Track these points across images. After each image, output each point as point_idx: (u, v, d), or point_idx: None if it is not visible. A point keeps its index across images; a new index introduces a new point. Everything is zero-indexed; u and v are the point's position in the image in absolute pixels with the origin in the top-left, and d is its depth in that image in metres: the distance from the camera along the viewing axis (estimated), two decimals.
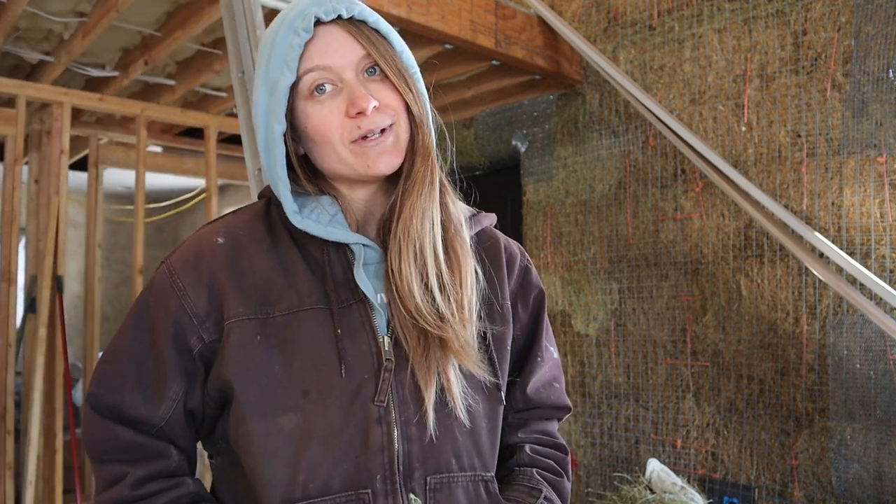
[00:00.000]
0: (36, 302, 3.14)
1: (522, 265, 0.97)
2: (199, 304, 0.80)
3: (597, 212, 3.14)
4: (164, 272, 0.83)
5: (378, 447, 0.77)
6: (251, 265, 0.82)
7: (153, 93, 3.52)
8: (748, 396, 2.63)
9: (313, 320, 0.79)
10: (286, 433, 0.76)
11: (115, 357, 0.83)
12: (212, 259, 0.82)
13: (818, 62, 2.47)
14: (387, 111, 0.80)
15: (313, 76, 0.79)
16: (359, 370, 0.78)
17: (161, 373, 0.81)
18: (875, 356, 2.30)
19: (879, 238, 2.32)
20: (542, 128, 3.36)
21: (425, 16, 2.47)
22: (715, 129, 2.72)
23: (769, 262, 2.57)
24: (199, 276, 0.81)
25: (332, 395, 0.77)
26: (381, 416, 0.77)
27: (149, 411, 0.81)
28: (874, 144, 2.33)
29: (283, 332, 0.78)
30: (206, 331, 0.80)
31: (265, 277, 0.81)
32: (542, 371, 0.97)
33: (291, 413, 0.76)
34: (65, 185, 3.19)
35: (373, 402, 0.77)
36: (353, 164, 0.80)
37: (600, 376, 3.11)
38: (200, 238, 0.85)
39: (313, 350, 0.78)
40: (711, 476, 2.73)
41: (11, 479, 3.05)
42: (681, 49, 2.84)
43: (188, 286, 0.81)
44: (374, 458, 0.77)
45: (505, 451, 0.94)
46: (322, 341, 0.78)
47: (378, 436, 0.77)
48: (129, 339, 0.83)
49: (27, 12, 2.63)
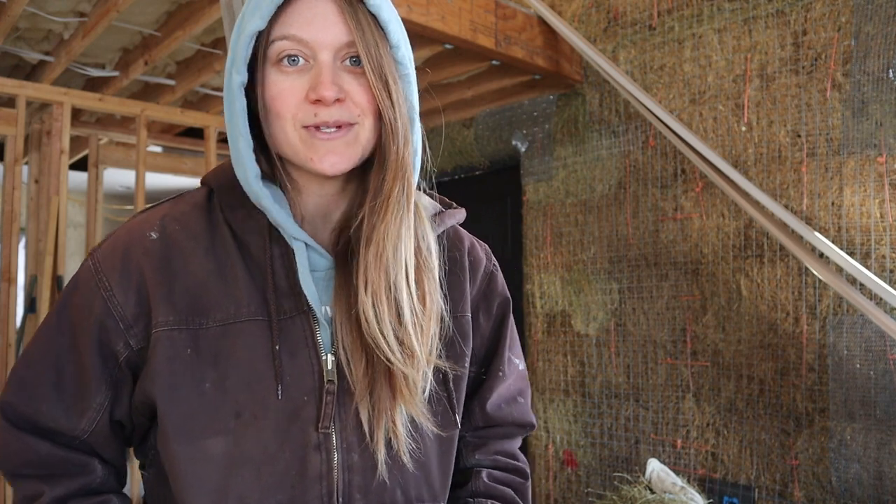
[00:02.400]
0: (36, 302, 3.14)
1: (487, 271, 0.89)
2: (128, 306, 0.72)
3: (597, 212, 3.14)
4: (89, 268, 0.74)
5: (316, 476, 0.70)
6: (185, 266, 0.72)
7: (153, 93, 3.52)
8: (748, 396, 2.63)
9: (250, 333, 0.71)
10: (214, 458, 0.69)
11: (32, 361, 0.75)
12: (142, 256, 0.72)
13: (818, 62, 2.47)
14: (352, 108, 0.70)
15: (285, 44, 0.70)
16: (297, 391, 0.70)
17: (84, 381, 0.72)
18: (875, 356, 2.30)
19: (879, 238, 2.32)
20: (542, 128, 3.36)
21: (425, 16, 2.47)
22: (715, 129, 2.72)
23: (769, 262, 2.57)
24: (127, 275, 0.72)
25: (266, 417, 0.69)
26: (321, 443, 0.70)
27: (70, 423, 0.73)
28: (874, 144, 2.33)
29: (216, 346, 0.70)
30: (133, 337, 0.72)
31: (200, 282, 0.72)
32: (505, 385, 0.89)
33: (220, 436, 0.69)
34: (65, 185, 3.19)
35: (315, 429, 0.70)
36: (298, 151, 0.71)
37: (600, 376, 3.11)
38: (132, 230, 0.75)
39: (248, 367, 0.70)
40: (711, 476, 2.73)
41: None
42: (681, 49, 2.84)
43: (115, 286, 0.72)
44: (311, 489, 0.70)
45: (460, 474, 0.87)
46: (258, 357, 0.70)
47: (317, 463, 0.70)
48: (48, 341, 0.74)
49: (27, 12, 2.63)
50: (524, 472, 0.90)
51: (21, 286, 3.27)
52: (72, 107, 3.22)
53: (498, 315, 0.89)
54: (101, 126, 3.94)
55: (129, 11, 2.61)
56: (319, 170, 0.71)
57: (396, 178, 0.71)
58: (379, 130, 0.73)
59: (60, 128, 3.18)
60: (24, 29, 2.86)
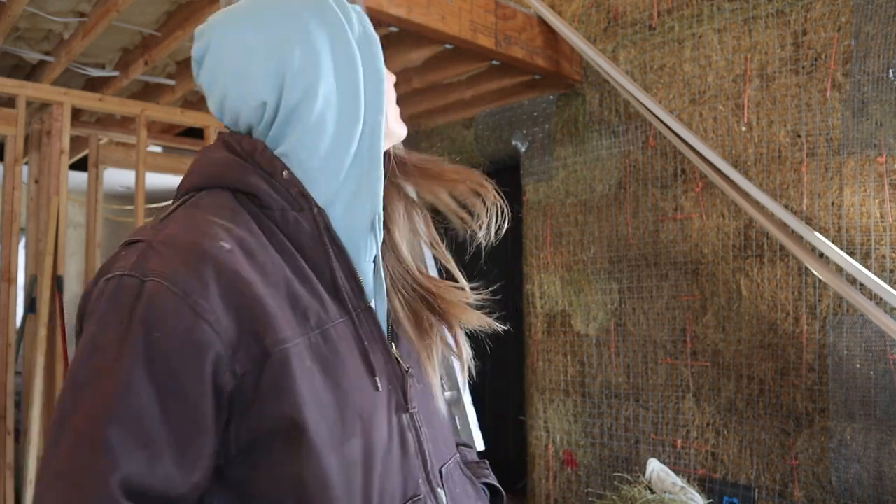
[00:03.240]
0: (36, 302, 3.14)
1: None
2: (231, 330, 0.62)
3: (597, 212, 3.14)
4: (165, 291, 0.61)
5: (414, 452, 0.77)
6: (267, 274, 0.67)
7: (153, 93, 3.52)
8: (748, 396, 2.63)
9: (343, 334, 0.72)
10: (357, 461, 0.69)
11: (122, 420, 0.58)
12: (231, 273, 0.64)
13: (818, 62, 2.46)
14: None
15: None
16: (386, 380, 0.75)
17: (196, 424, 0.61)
18: (875, 356, 2.30)
19: (879, 238, 2.32)
20: (542, 128, 3.36)
21: (425, 16, 2.47)
22: (715, 129, 2.72)
23: (769, 262, 2.57)
24: (223, 294, 0.62)
25: (377, 411, 0.73)
26: (410, 423, 0.77)
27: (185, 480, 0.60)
28: (874, 144, 2.33)
29: (322, 352, 0.68)
30: (238, 362, 0.62)
31: (288, 288, 0.68)
32: None
33: (356, 438, 0.69)
34: (65, 185, 3.19)
35: (406, 412, 0.77)
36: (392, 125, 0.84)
37: (600, 376, 3.11)
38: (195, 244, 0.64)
39: (352, 367, 0.71)
40: (711, 476, 2.73)
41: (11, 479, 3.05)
42: (681, 49, 2.84)
43: (216, 308, 0.62)
44: (414, 464, 0.76)
45: None
46: (355, 356, 0.72)
47: (412, 442, 0.77)
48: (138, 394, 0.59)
49: (27, 12, 2.63)
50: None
51: (21, 286, 3.27)
52: (72, 107, 3.23)
53: None
54: (101, 126, 3.94)
55: (129, 11, 2.61)
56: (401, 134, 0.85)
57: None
58: None
59: (60, 128, 3.18)
60: (24, 29, 2.86)
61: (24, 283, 3.33)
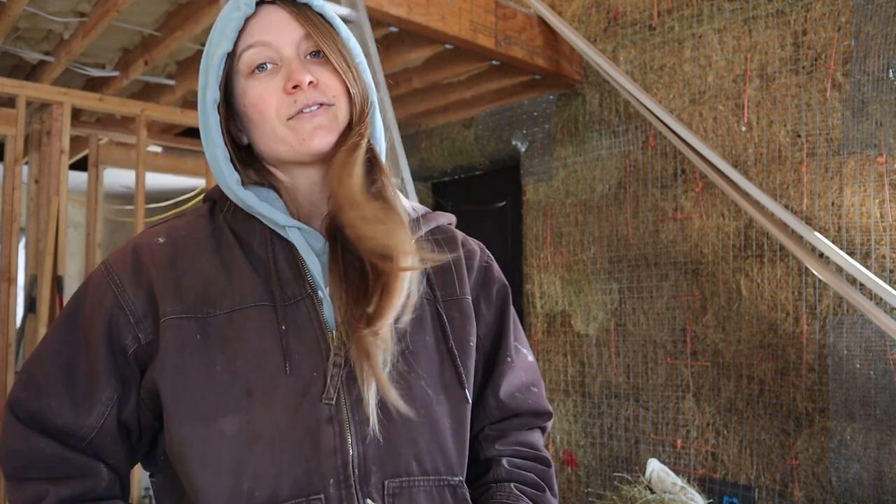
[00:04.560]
0: (36, 302, 3.14)
1: (483, 260, 0.93)
2: (138, 302, 0.75)
3: (597, 212, 3.14)
4: (100, 271, 0.79)
5: (330, 449, 0.72)
6: (191, 264, 0.77)
7: (153, 93, 3.52)
8: (748, 396, 2.63)
9: (256, 317, 0.74)
10: (228, 437, 0.71)
11: (43, 359, 0.77)
12: (150, 258, 0.77)
13: (818, 62, 2.46)
14: (326, 90, 0.78)
15: (252, 52, 0.78)
16: (306, 367, 0.73)
17: (93, 374, 0.74)
18: (875, 356, 2.30)
19: (879, 238, 2.32)
20: (542, 128, 3.36)
21: (425, 16, 2.47)
22: (715, 129, 2.72)
23: (769, 262, 2.57)
24: (138, 275, 0.77)
25: (277, 393, 0.72)
26: (333, 416, 0.72)
27: (77, 420, 0.74)
28: (874, 144, 2.33)
29: (224, 331, 0.74)
30: (142, 331, 0.75)
31: (206, 277, 0.77)
32: (516, 373, 0.90)
33: (233, 415, 0.71)
34: (65, 185, 3.19)
35: (321, 401, 0.72)
36: (289, 140, 0.77)
37: (600, 376, 3.11)
38: (140, 239, 0.81)
39: (257, 348, 0.73)
40: (711, 476, 2.73)
41: None
42: (681, 49, 2.84)
43: (126, 282, 0.76)
44: (326, 461, 0.71)
45: (481, 466, 0.88)
46: (266, 339, 0.74)
47: (330, 437, 0.72)
48: (59, 339, 0.77)
49: (27, 12, 2.63)
50: (547, 461, 0.91)
51: (21, 286, 3.27)
52: (72, 107, 3.22)
53: (499, 301, 0.92)
54: (101, 126, 3.94)
55: (129, 11, 2.61)
56: (313, 148, 0.77)
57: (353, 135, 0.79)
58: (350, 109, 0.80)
59: (60, 128, 3.17)
60: (24, 29, 2.86)
61: (24, 283, 3.33)
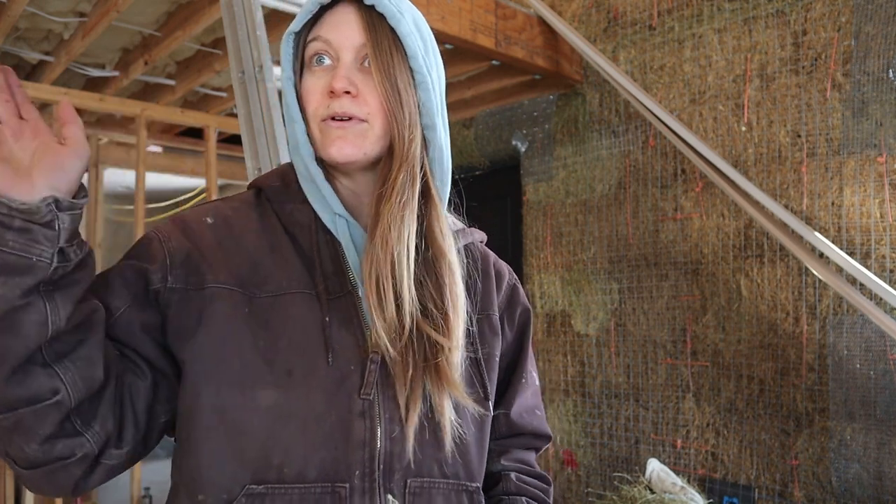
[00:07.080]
0: None
1: (510, 283, 0.97)
2: (179, 253, 0.76)
3: (597, 212, 3.14)
4: (149, 232, 0.81)
5: (360, 442, 0.74)
6: (239, 244, 0.79)
7: (153, 93, 3.52)
8: (748, 396, 2.63)
9: (300, 305, 0.76)
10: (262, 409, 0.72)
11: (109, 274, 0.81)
12: (199, 234, 0.79)
13: (818, 62, 2.47)
14: (362, 105, 0.77)
15: (315, 45, 0.79)
16: (345, 360, 0.75)
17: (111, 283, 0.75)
18: (875, 356, 2.30)
19: (879, 238, 2.32)
20: (542, 128, 3.36)
21: (425, 16, 2.47)
22: (715, 129, 2.72)
23: (769, 262, 2.57)
24: (185, 236, 0.78)
25: (316, 379, 0.74)
26: (366, 411, 0.74)
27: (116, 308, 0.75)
28: (874, 144, 2.33)
29: (267, 313, 0.75)
30: (174, 277, 0.75)
31: (253, 258, 0.78)
32: (526, 395, 0.94)
33: (273, 389, 0.73)
34: None
35: (358, 395, 0.74)
36: (316, 140, 0.79)
37: (600, 376, 3.11)
38: (187, 215, 0.82)
39: (300, 333, 0.75)
40: (711, 476, 2.73)
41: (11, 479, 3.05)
42: (681, 49, 2.84)
43: (172, 237, 0.78)
44: (354, 453, 0.73)
45: (489, 478, 0.91)
46: (309, 326, 0.75)
47: (361, 430, 0.74)
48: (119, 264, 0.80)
49: (27, 12, 2.63)
50: (548, 480, 0.96)
51: None
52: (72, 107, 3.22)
53: (521, 323, 0.97)
54: (102, 126, 3.94)
55: (129, 11, 2.61)
56: (329, 156, 0.78)
57: (402, 168, 0.77)
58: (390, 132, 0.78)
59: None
60: (24, 29, 2.85)
61: None
